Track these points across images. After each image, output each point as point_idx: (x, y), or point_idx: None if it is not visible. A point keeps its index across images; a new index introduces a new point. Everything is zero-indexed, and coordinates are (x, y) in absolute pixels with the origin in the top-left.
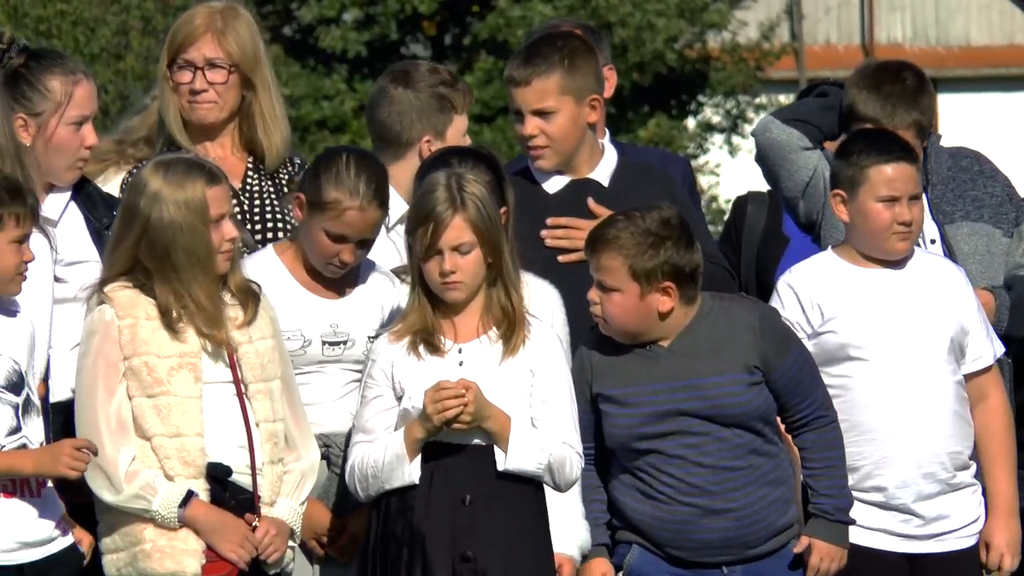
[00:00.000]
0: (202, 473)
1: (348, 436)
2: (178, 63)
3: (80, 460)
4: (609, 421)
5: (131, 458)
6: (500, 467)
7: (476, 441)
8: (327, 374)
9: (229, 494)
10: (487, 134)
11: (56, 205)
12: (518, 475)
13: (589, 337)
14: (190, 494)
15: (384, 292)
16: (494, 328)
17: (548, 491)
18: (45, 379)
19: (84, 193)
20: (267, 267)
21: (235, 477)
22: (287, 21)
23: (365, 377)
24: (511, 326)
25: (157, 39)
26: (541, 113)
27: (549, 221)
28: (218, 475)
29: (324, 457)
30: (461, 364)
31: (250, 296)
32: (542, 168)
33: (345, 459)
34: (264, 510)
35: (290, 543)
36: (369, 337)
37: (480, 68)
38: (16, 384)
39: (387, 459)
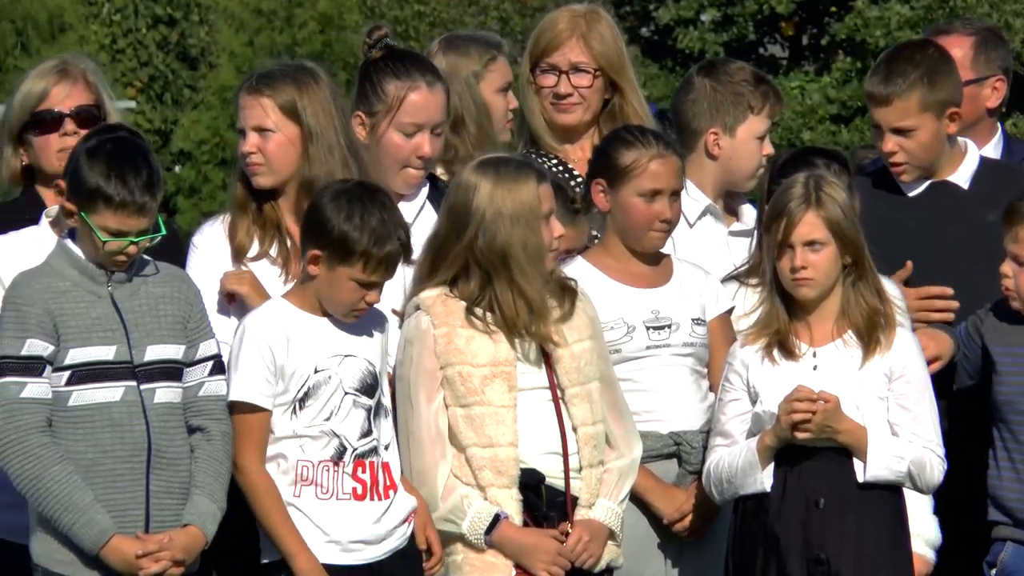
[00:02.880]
0: (515, 483)
1: (704, 434)
2: (541, 66)
3: None
4: (1001, 380)
5: (447, 474)
6: (860, 479)
7: (830, 445)
8: (659, 359)
9: (543, 500)
10: (844, 135)
11: (410, 209)
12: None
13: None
14: (496, 518)
15: (699, 280)
16: (850, 331)
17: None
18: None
19: (438, 194)
20: (580, 273)
21: (549, 482)
22: (645, 22)
23: (722, 380)
24: (874, 329)
25: (515, 40)
26: (901, 131)
27: None
28: (530, 483)
29: (675, 455)
30: (815, 368)
31: (568, 293)
32: (903, 181)
33: (703, 461)
34: (582, 512)
35: (612, 542)
36: (693, 320)
37: (838, 68)
38: (371, 387)
39: (740, 465)
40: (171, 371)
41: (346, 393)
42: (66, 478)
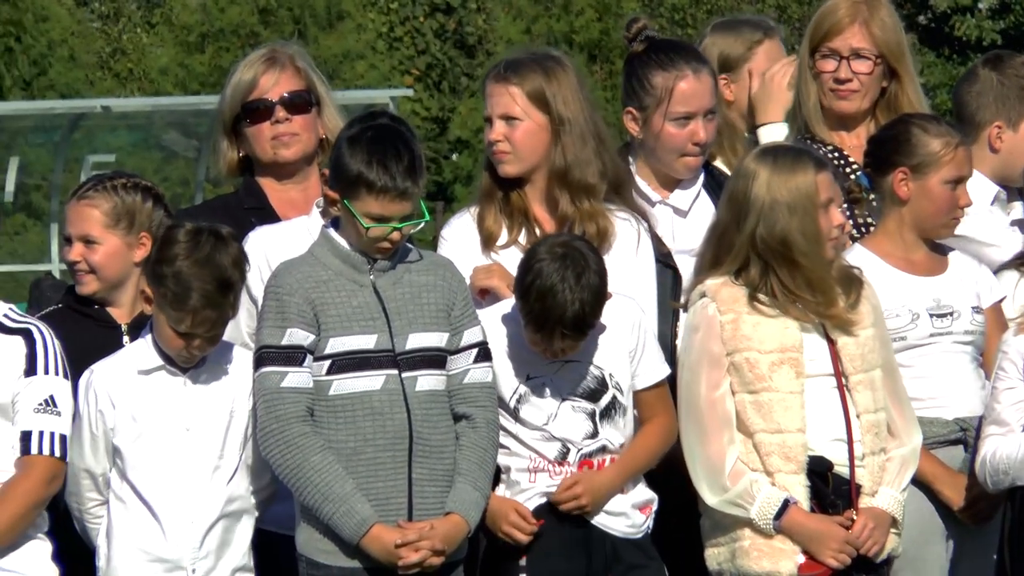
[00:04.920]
0: (803, 469)
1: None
2: (822, 51)
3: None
4: None
5: (735, 458)
6: None
7: None
8: (941, 347)
9: (830, 488)
10: None
11: (686, 197)
12: None
13: None
14: (786, 503)
15: (974, 269)
16: None
17: None
18: None
19: (714, 181)
20: (858, 260)
21: (835, 469)
22: (922, 10)
23: (996, 368)
24: None
25: (792, 28)
26: None
27: None
28: (819, 470)
29: (961, 441)
30: None
31: (852, 282)
32: None
33: (976, 449)
34: (865, 500)
35: (894, 531)
36: (973, 308)
37: None
38: (595, 391)
39: (1020, 456)
40: (434, 359)
41: (564, 399)
42: (327, 467)
